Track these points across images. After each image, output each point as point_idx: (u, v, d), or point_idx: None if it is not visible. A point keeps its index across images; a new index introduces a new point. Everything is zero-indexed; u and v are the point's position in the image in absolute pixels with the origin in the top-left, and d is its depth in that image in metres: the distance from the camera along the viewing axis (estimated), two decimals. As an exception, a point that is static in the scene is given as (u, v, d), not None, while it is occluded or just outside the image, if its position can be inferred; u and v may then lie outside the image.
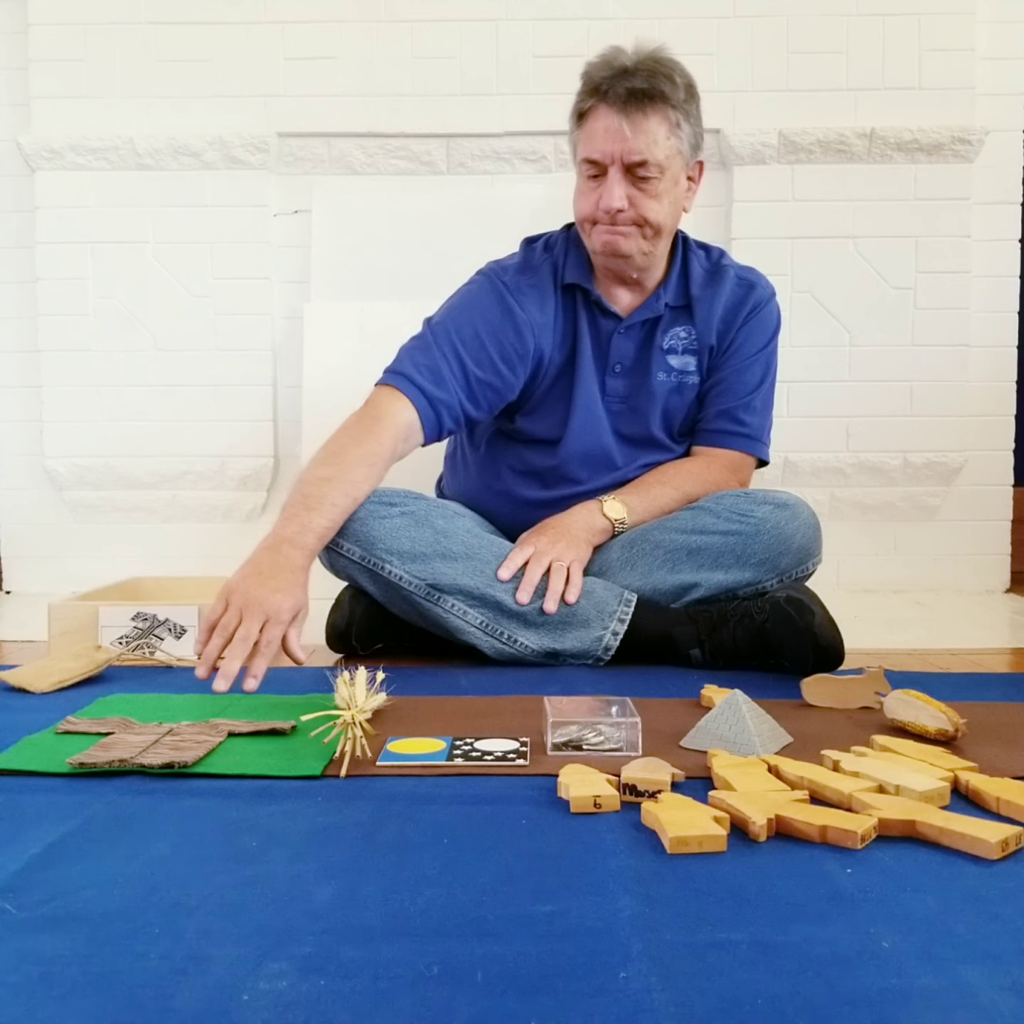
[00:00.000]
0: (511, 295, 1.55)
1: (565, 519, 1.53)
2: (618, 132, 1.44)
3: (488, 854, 0.75)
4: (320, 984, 0.56)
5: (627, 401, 1.61)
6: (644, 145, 1.44)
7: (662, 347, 1.59)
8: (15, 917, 0.64)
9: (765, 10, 2.35)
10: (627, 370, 1.60)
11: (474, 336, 1.52)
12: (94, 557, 2.45)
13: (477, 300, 1.56)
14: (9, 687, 1.31)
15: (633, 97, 1.43)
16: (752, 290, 1.62)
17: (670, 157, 1.47)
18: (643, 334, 1.60)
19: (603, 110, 1.46)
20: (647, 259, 1.54)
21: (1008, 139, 2.39)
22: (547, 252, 1.61)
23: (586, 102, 1.48)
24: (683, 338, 1.60)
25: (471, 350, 1.51)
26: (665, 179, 1.48)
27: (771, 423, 1.67)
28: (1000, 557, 2.45)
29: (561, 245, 1.61)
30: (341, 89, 2.38)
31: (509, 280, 1.57)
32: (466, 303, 1.57)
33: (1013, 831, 0.75)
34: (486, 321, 1.53)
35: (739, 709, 1.00)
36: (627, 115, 1.44)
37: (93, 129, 2.37)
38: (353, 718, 0.98)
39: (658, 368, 1.59)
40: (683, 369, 1.60)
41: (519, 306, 1.54)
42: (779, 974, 0.57)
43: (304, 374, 2.35)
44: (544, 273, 1.58)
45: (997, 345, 2.42)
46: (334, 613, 1.56)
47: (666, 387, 1.60)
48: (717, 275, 1.61)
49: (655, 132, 1.44)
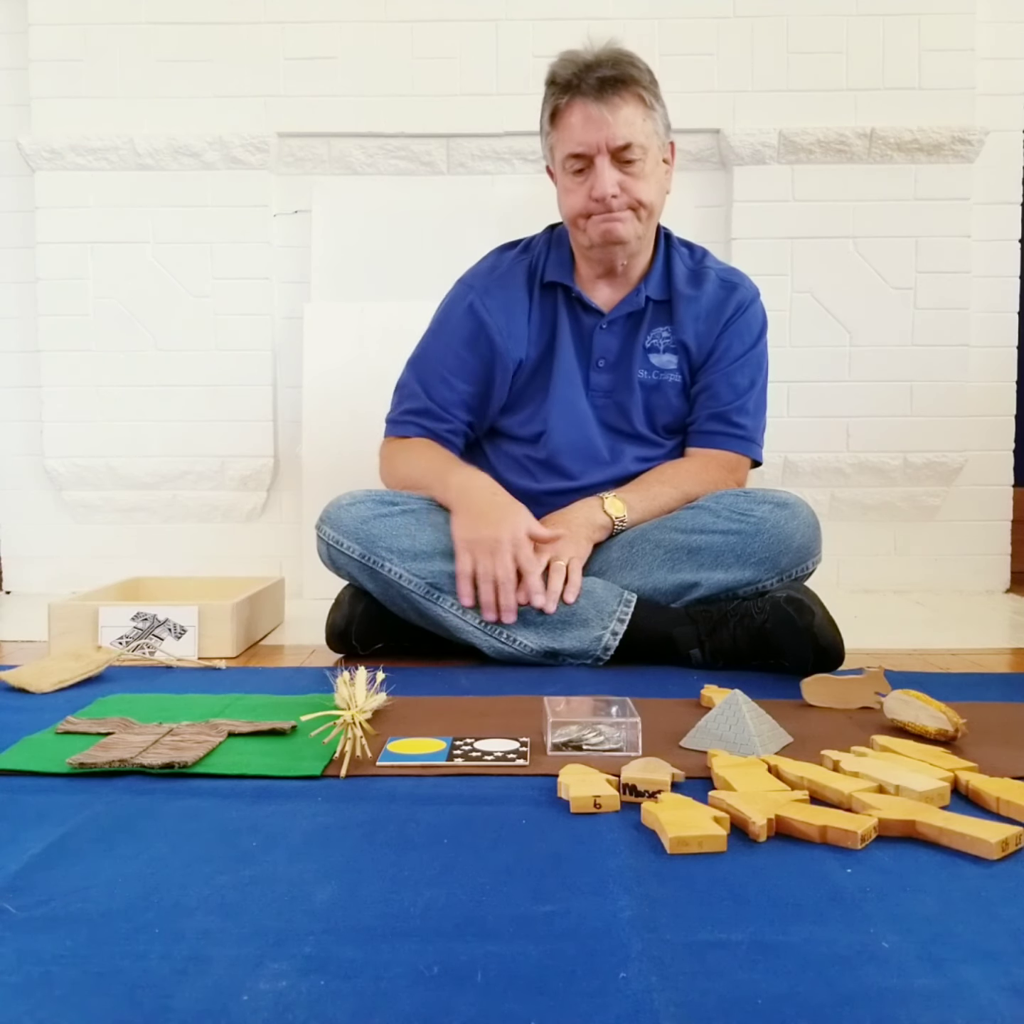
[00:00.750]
0: (479, 299, 1.60)
1: (566, 514, 1.54)
2: (599, 120, 1.46)
3: (488, 854, 0.75)
4: (320, 984, 0.56)
5: (611, 396, 1.62)
6: (626, 128, 1.47)
7: (644, 345, 1.61)
8: (15, 917, 0.64)
9: (765, 10, 2.35)
10: (611, 365, 1.61)
11: (455, 357, 1.61)
12: (94, 557, 2.45)
13: (450, 320, 1.63)
14: (9, 687, 1.31)
15: (606, 85, 1.46)
16: (734, 292, 1.62)
17: (650, 137, 1.50)
18: (626, 330, 1.61)
19: (579, 103, 1.48)
20: (640, 243, 1.57)
21: (1008, 139, 2.39)
22: (524, 254, 1.65)
23: (559, 99, 1.50)
24: (665, 337, 1.61)
25: (457, 371, 1.60)
26: (648, 160, 1.51)
27: (765, 424, 1.68)
28: (1000, 557, 2.45)
29: (542, 246, 1.64)
30: (341, 89, 2.38)
31: (478, 283, 1.62)
32: (441, 328, 1.65)
33: (1013, 831, 0.75)
34: (461, 339, 1.61)
35: (739, 709, 1.00)
36: (604, 102, 1.46)
37: (93, 129, 2.37)
38: (353, 718, 0.98)
39: (639, 366, 1.61)
40: (664, 367, 1.61)
41: (487, 311, 1.60)
42: (779, 974, 0.57)
43: (304, 374, 2.35)
44: (516, 273, 1.62)
45: (997, 345, 2.42)
46: (334, 613, 1.56)
47: (646, 385, 1.61)
48: (699, 276, 1.62)
49: (633, 115, 1.48)
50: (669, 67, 2.35)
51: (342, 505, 1.52)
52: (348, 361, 2.34)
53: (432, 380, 1.62)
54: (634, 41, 2.33)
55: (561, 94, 1.50)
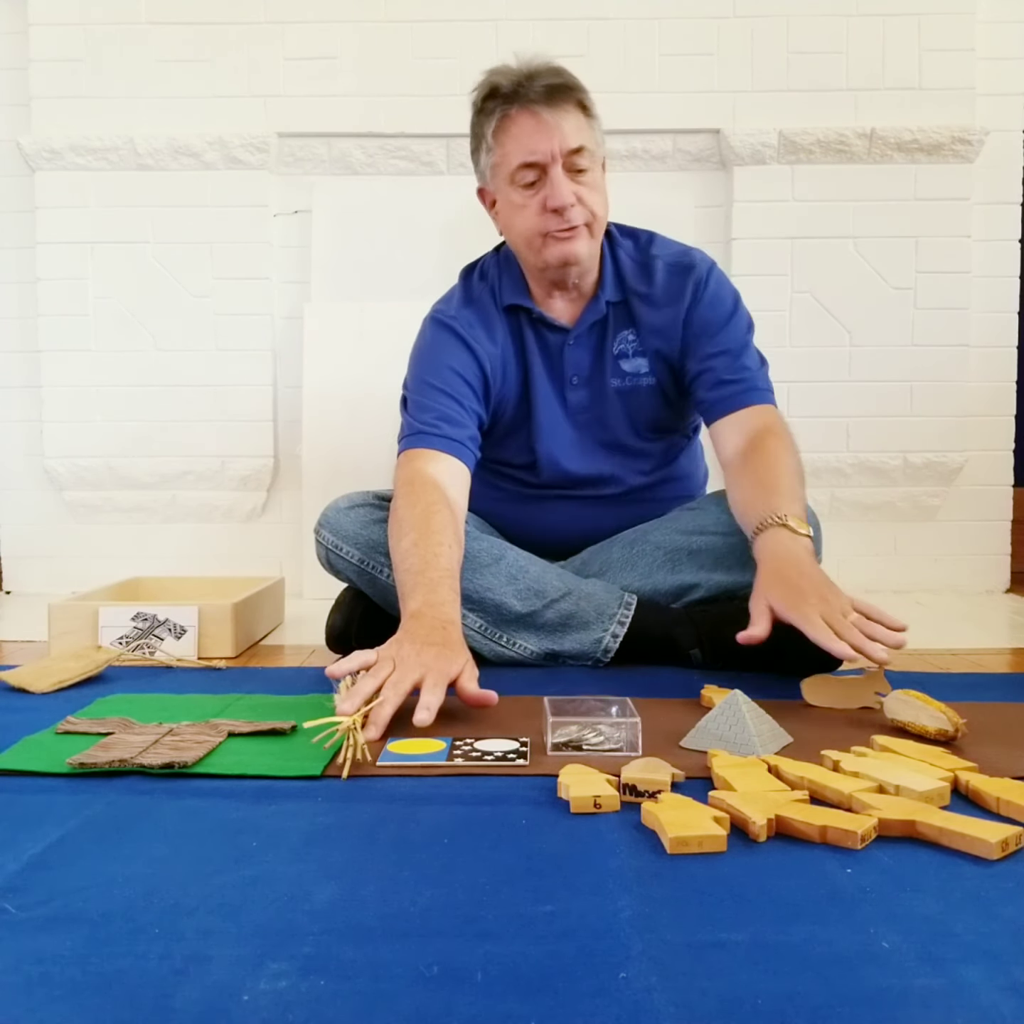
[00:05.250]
0: (464, 329, 1.53)
1: (795, 573, 1.25)
2: (551, 126, 1.40)
3: (488, 854, 0.75)
4: (320, 984, 0.56)
5: (590, 410, 1.57)
6: (576, 133, 1.42)
7: (613, 353, 1.56)
8: (15, 917, 0.64)
9: (765, 10, 2.35)
10: (584, 380, 1.56)
11: (451, 373, 1.50)
12: (94, 557, 2.45)
13: (437, 345, 1.54)
14: (9, 687, 1.31)
15: (554, 91, 1.41)
16: (687, 275, 1.53)
17: (595, 145, 1.45)
18: (594, 341, 1.56)
19: (527, 110, 1.41)
20: (592, 260, 1.51)
21: (1008, 139, 2.39)
22: (483, 280, 1.59)
23: (506, 109, 1.43)
24: (631, 341, 1.55)
25: (455, 386, 1.50)
26: (596, 169, 1.46)
27: (768, 368, 1.57)
28: (1000, 557, 2.45)
29: (494, 269, 1.58)
30: (341, 89, 2.38)
31: (456, 314, 1.54)
32: (429, 352, 1.54)
33: (1013, 831, 0.75)
34: (453, 357, 1.52)
35: (739, 709, 1.00)
36: (551, 108, 1.41)
37: (93, 129, 2.37)
38: (354, 723, 0.98)
39: (612, 375, 1.56)
40: (636, 372, 1.56)
41: (474, 340, 1.52)
42: (779, 974, 0.57)
43: (304, 374, 2.35)
44: (485, 302, 1.56)
45: (997, 345, 2.42)
46: (334, 614, 1.56)
47: (622, 392, 1.56)
48: (647, 268, 1.55)
49: (578, 120, 1.43)
50: (669, 67, 2.36)
51: (340, 509, 1.52)
52: (348, 361, 2.34)
53: (435, 395, 1.50)
54: (634, 41, 2.35)
55: (506, 104, 1.43)
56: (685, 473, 1.71)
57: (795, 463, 1.41)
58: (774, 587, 1.23)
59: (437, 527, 1.32)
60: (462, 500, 1.43)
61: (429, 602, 1.22)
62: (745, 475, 1.40)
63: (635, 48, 2.35)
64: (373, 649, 1.14)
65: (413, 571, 1.27)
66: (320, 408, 2.33)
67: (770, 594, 1.22)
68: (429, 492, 1.37)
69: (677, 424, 1.63)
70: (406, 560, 1.29)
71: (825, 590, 1.22)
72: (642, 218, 1.65)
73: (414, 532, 1.32)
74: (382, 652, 1.13)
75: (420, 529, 1.32)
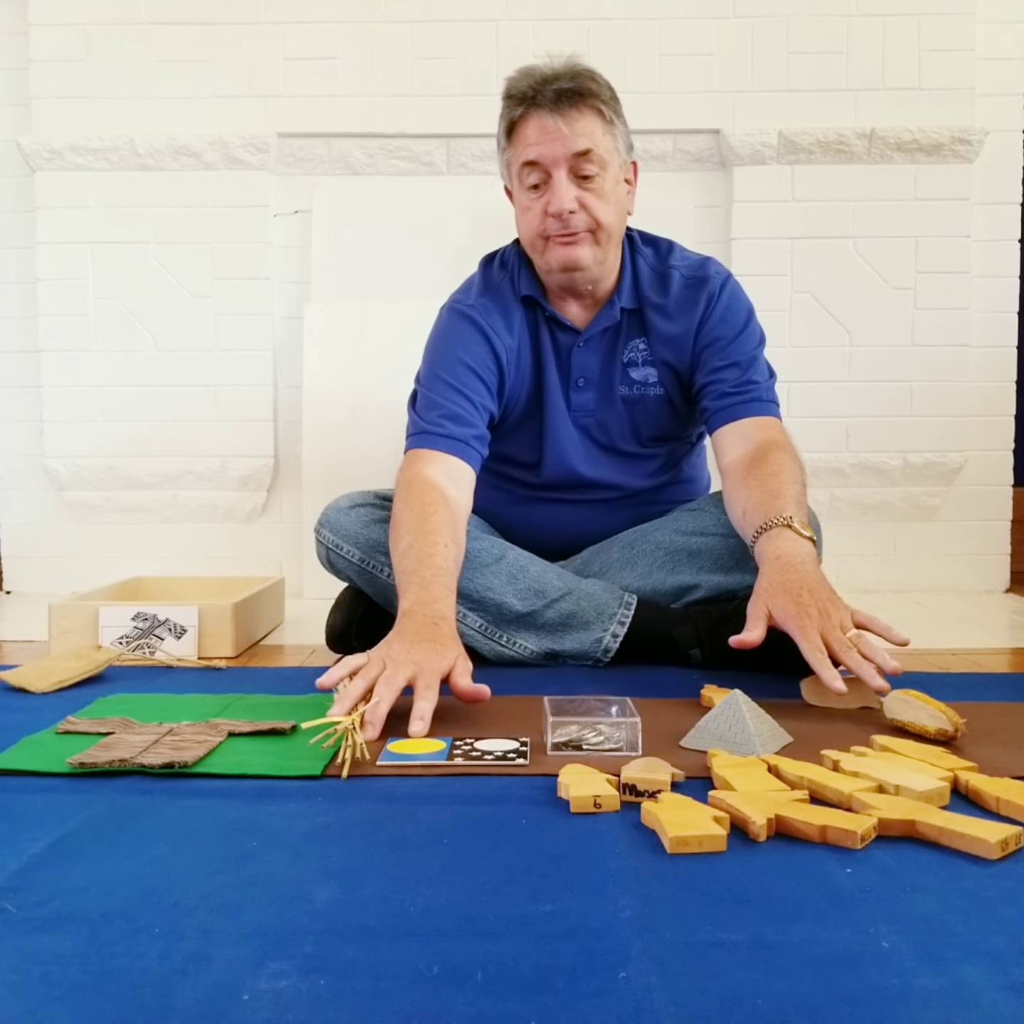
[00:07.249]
0: (482, 318, 1.52)
1: (798, 580, 1.23)
2: (554, 131, 1.41)
3: (488, 854, 0.75)
4: (320, 984, 0.56)
5: (593, 415, 1.57)
6: (583, 138, 1.41)
7: (623, 360, 1.55)
8: (15, 917, 0.64)
9: (765, 10, 2.35)
10: (591, 383, 1.56)
11: (464, 368, 1.49)
12: (94, 557, 2.45)
13: (452, 336, 1.53)
14: (9, 687, 1.31)
15: (563, 97, 1.41)
16: (701, 287, 1.53)
17: (609, 153, 1.44)
18: (604, 346, 1.55)
19: (535, 115, 1.42)
20: (601, 268, 1.50)
21: (1008, 139, 2.39)
22: (503, 269, 1.58)
23: (515, 111, 1.44)
24: (642, 350, 1.55)
25: (467, 381, 1.49)
26: (607, 177, 1.44)
27: (775, 380, 1.57)
28: (1000, 557, 2.45)
29: (514, 259, 1.58)
30: (341, 89, 2.38)
31: (475, 303, 1.54)
32: (443, 344, 1.53)
33: (1013, 831, 0.75)
34: (467, 350, 1.51)
35: (739, 709, 1.00)
36: (561, 114, 1.41)
37: (93, 129, 2.37)
38: (353, 724, 0.98)
39: (620, 382, 1.56)
40: (644, 381, 1.55)
41: (492, 329, 1.52)
42: (779, 974, 0.57)
43: (304, 374, 2.35)
44: (504, 290, 1.56)
45: (997, 345, 2.42)
46: (334, 614, 1.56)
47: (629, 400, 1.56)
48: (664, 278, 1.55)
49: (591, 127, 1.42)
50: (669, 67, 2.36)
51: (341, 508, 1.52)
52: (348, 361, 2.34)
53: (446, 391, 1.49)
54: (634, 41, 2.35)
55: (516, 106, 1.44)
56: (688, 477, 1.71)
57: (800, 475, 1.42)
58: (775, 594, 1.22)
59: (433, 527, 1.31)
60: (464, 500, 1.42)
61: (420, 600, 1.22)
62: (749, 483, 1.39)
63: (635, 48, 2.35)
64: (364, 652, 1.14)
65: (408, 572, 1.27)
66: (320, 408, 2.33)
67: (770, 601, 1.21)
68: (427, 494, 1.37)
69: (680, 433, 1.63)
70: (402, 562, 1.29)
71: (826, 602, 1.20)
72: (642, 218, 1.65)
73: (410, 534, 1.31)
74: (372, 654, 1.13)
75: (416, 531, 1.31)
